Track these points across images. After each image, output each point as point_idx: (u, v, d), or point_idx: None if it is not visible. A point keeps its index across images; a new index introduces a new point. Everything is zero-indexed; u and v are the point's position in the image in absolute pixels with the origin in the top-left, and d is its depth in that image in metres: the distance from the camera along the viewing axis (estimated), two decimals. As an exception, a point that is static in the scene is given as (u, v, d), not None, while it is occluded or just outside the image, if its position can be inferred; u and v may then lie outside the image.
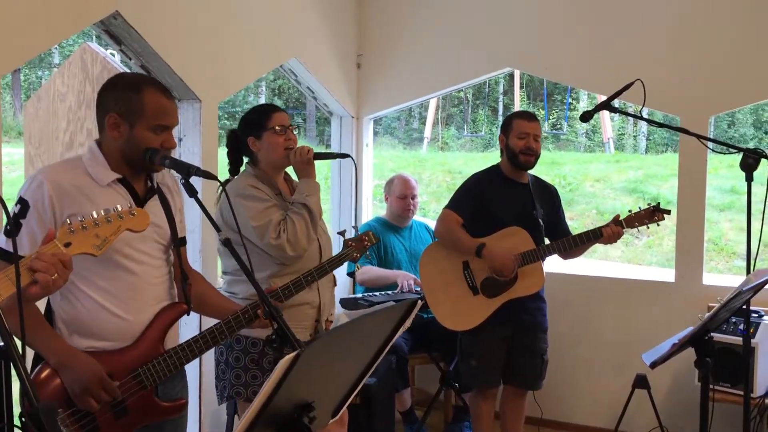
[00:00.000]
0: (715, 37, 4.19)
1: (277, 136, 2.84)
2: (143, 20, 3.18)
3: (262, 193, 2.82)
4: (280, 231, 2.73)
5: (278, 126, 2.84)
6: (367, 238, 2.83)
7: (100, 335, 2.06)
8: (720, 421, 3.81)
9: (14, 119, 15.57)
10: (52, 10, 2.83)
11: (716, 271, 8.78)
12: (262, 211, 2.76)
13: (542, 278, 3.57)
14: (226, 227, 2.79)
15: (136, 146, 2.08)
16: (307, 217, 2.77)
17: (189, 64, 3.47)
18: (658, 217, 3.52)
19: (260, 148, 2.87)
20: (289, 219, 2.76)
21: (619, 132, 19.76)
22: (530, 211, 3.59)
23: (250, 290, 2.77)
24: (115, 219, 1.69)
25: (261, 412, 1.33)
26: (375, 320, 1.73)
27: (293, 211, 2.79)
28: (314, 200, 2.81)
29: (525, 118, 3.64)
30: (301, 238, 2.74)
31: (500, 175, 3.65)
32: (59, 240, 1.61)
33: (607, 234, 3.47)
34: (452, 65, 4.79)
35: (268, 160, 2.88)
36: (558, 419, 4.53)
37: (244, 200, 2.77)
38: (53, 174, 2.05)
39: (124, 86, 2.10)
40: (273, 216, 2.76)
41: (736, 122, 20.05)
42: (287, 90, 20.89)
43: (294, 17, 4.32)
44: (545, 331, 3.68)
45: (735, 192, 10.45)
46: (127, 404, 2.03)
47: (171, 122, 2.12)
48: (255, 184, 2.83)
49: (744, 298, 2.71)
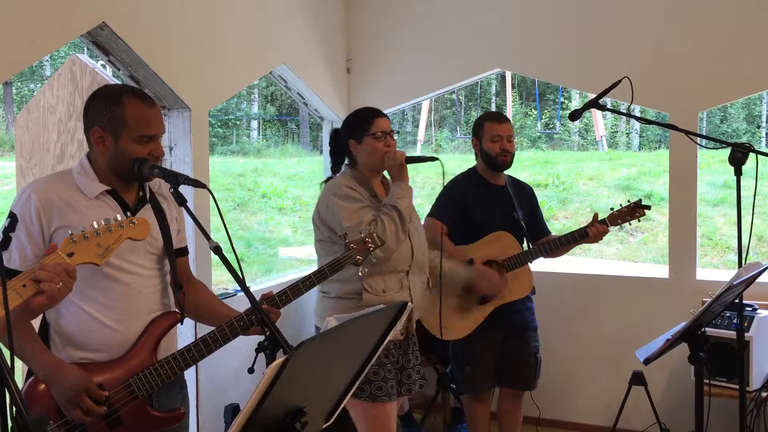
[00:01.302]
0: (703, 33, 4.21)
1: (376, 141, 2.95)
2: (131, 30, 3.18)
3: (357, 194, 2.92)
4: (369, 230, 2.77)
5: (379, 132, 2.95)
6: (370, 240, 2.74)
7: (92, 347, 2.06)
8: (717, 416, 3.81)
9: (7, 132, 15.55)
10: (37, 24, 2.82)
11: (711, 266, 8.81)
12: (355, 211, 2.85)
13: (531, 281, 3.60)
14: (322, 225, 2.96)
15: (123, 158, 2.08)
16: (396, 220, 2.83)
17: (178, 73, 3.47)
18: (639, 213, 3.56)
19: (360, 152, 2.98)
20: (379, 219, 2.83)
21: (611, 130, 19.82)
22: (510, 212, 3.62)
23: (342, 288, 2.94)
24: (116, 228, 1.71)
25: (251, 418, 1.33)
26: (365, 323, 1.73)
27: (383, 212, 2.86)
28: (405, 203, 2.87)
29: (496, 120, 3.63)
30: (390, 239, 2.79)
31: (478, 179, 3.65)
32: (62, 250, 1.63)
33: (593, 233, 3.51)
34: (441, 68, 4.79)
35: (366, 163, 2.99)
36: (556, 418, 4.53)
37: (340, 200, 2.88)
38: (41, 187, 2.06)
39: (105, 99, 2.11)
40: (365, 216, 2.84)
41: (728, 117, 20.12)
42: (280, 96, 20.90)
43: (282, 23, 4.32)
44: (536, 330, 3.70)
45: (728, 187, 10.48)
46: (121, 415, 2.02)
47: (155, 131, 2.12)
48: (352, 185, 2.94)
49: (736, 292, 2.72)
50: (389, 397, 2.93)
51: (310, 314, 4.49)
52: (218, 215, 2.00)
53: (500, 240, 3.54)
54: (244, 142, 19.56)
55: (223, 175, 12.13)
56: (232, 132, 20.03)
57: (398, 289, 2.95)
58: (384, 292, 2.92)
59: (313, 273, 2.51)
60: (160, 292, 2.20)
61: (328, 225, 2.94)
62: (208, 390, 3.68)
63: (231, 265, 2.04)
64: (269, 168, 13.49)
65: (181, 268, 2.31)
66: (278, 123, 21.58)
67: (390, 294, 2.92)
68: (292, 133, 21.00)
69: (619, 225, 3.58)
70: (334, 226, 2.91)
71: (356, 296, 2.91)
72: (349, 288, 2.92)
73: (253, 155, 16.84)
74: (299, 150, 17.75)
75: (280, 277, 4.93)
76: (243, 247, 9.88)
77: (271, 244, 10.51)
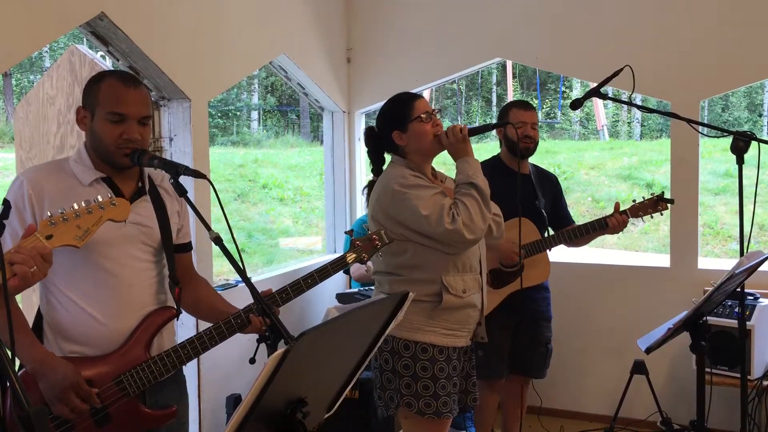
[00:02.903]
0: (705, 21, 4.19)
1: (424, 124, 2.69)
2: (129, 21, 3.17)
3: (425, 180, 2.68)
4: (453, 215, 2.55)
5: (423, 114, 2.70)
6: (377, 237, 2.51)
7: (83, 340, 2.03)
8: (718, 404, 3.82)
9: (7, 124, 15.52)
10: (35, 14, 2.81)
11: (713, 255, 8.80)
12: (431, 197, 2.60)
13: (548, 268, 3.59)
14: (395, 225, 2.64)
15: (97, 138, 2.06)
16: (477, 197, 2.61)
17: (177, 64, 3.46)
18: (662, 207, 3.54)
19: (408, 140, 2.71)
20: (459, 202, 2.59)
21: (613, 119, 19.76)
22: (532, 201, 3.60)
23: (418, 290, 2.54)
24: (95, 209, 1.66)
25: (252, 408, 1.33)
26: (366, 313, 1.72)
27: (461, 192, 2.63)
28: (481, 178, 2.66)
29: (521, 107, 3.63)
30: (477, 220, 2.57)
31: (501, 166, 3.64)
32: (40, 233, 1.59)
33: (613, 224, 3.48)
34: (441, 57, 4.78)
35: (418, 149, 2.72)
36: (558, 407, 4.55)
37: (410, 189, 2.61)
38: (34, 175, 2.04)
39: (91, 80, 2.10)
40: (444, 201, 2.59)
41: (730, 106, 20.06)
42: (280, 87, 20.85)
43: (282, 13, 4.30)
44: (549, 320, 3.69)
45: (729, 176, 10.46)
46: (110, 411, 1.98)
47: (126, 111, 2.03)
48: (414, 173, 2.68)
49: (737, 281, 2.72)
50: (452, 413, 2.71)
51: (310, 304, 4.51)
52: (219, 206, 1.97)
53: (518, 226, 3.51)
54: (245, 132, 19.52)
55: (223, 165, 12.12)
56: (232, 123, 19.99)
57: (476, 290, 2.74)
58: (464, 292, 2.69)
59: (315, 271, 2.34)
60: (155, 287, 2.15)
61: (400, 221, 2.63)
62: (209, 380, 3.69)
63: (232, 256, 2.01)
64: (270, 159, 13.47)
65: (183, 265, 2.27)
66: (278, 113, 21.53)
67: (470, 295, 2.70)
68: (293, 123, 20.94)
69: (639, 217, 3.53)
70: (407, 221, 2.62)
71: (435, 299, 2.66)
72: (425, 290, 2.65)
73: (253, 146, 16.81)
74: (300, 140, 17.72)
75: (281, 267, 4.92)
76: (244, 238, 9.88)
77: (271, 235, 10.51)
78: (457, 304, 2.67)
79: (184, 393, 2.27)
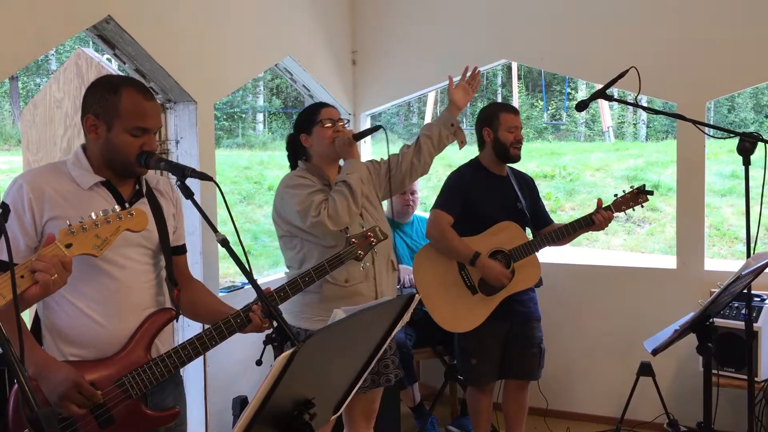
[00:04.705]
0: (710, 22, 4.18)
1: (325, 129, 2.96)
2: (136, 23, 3.18)
3: (308, 181, 2.93)
4: (320, 209, 2.79)
5: (326, 119, 2.96)
6: (372, 234, 2.66)
7: (83, 343, 2.02)
8: (725, 406, 3.81)
9: (13, 127, 15.58)
10: (42, 17, 2.82)
11: (719, 257, 8.77)
12: (307, 195, 2.85)
13: (538, 270, 3.59)
14: (280, 220, 2.95)
15: (114, 149, 2.05)
16: (347, 193, 2.82)
17: (183, 66, 3.47)
18: (642, 199, 3.56)
19: (311, 143, 2.99)
20: (330, 198, 2.84)
21: (618, 120, 19.74)
22: (514, 203, 3.61)
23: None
24: (114, 219, 1.69)
25: (259, 410, 1.33)
26: (372, 315, 1.73)
27: (334, 190, 2.87)
28: (354, 177, 2.87)
29: (512, 111, 3.66)
30: (342, 213, 2.79)
31: (482, 170, 3.64)
32: (60, 241, 1.62)
33: (598, 221, 3.50)
34: (447, 59, 4.77)
35: (318, 152, 2.99)
36: (563, 409, 4.54)
37: (291, 189, 2.89)
38: (33, 178, 2.03)
39: (102, 87, 2.07)
40: (315, 198, 2.84)
41: (736, 107, 20.00)
42: (285, 89, 20.87)
43: (287, 15, 4.31)
44: (539, 320, 3.70)
45: (736, 177, 10.43)
46: (113, 413, 1.97)
47: (150, 125, 2.06)
48: (302, 175, 2.95)
49: (744, 282, 2.71)
50: (362, 390, 2.86)
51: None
52: (225, 208, 1.98)
53: (506, 230, 3.53)
54: (250, 134, 19.55)
55: (229, 168, 12.13)
56: (238, 125, 20.01)
57: (362, 279, 2.90)
58: (347, 282, 2.88)
59: (312, 269, 2.44)
60: (153, 288, 2.15)
61: (284, 218, 2.93)
62: (216, 382, 3.70)
63: (238, 258, 2.01)
64: (275, 161, 13.48)
65: (178, 268, 2.27)
66: (284, 115, 21.55)
67: (353, 284, 2.88)
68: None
69: (623, 211, 3.57)
70: (290, 218, 2.90)
71: (320, 289, 2.85)
72: None
73: (258, 148, 16.83)
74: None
75: (287, 269, 4.91)
76: (250, 240, 9.89)
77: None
78: (340, 294, 2.85)
79: (181, 393, 2.27)
